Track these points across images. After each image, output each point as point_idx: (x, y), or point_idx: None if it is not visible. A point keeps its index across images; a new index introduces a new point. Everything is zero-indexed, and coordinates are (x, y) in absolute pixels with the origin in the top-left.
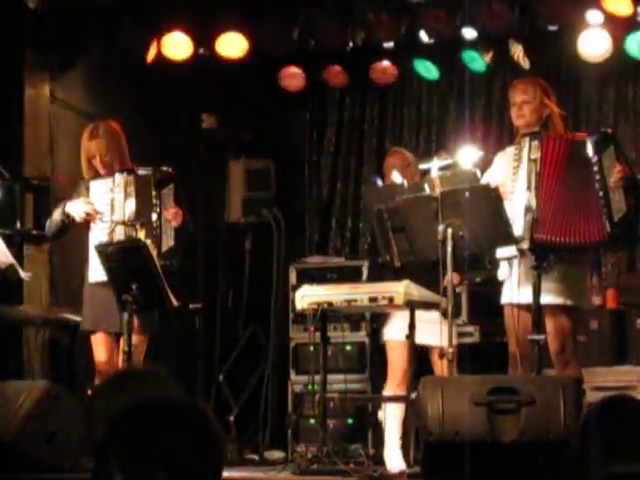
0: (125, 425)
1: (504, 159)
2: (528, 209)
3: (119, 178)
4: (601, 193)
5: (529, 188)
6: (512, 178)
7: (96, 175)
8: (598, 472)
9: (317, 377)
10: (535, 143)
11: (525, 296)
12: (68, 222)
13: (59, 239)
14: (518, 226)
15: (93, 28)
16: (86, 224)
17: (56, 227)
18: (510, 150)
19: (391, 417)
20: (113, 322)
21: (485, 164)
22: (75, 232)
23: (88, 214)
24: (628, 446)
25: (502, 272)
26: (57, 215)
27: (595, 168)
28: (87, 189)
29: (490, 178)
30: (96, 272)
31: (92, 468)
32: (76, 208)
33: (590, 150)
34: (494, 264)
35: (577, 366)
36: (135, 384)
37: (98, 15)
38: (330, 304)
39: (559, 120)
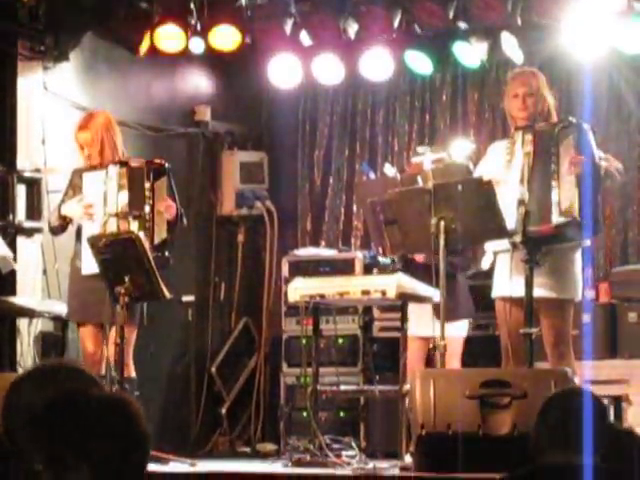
0: (46, 420)
1: (497, 152)
2: (521, 202)
3: (112, 170)
4: (554, 182)
5: (522, 181)
6: (505, 172)
7: (89, 166)
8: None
9: (309, 370)
10: (528, 137)
11: (517, 289)
12: (66, 223)
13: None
14: (510, 219)
15: (86, 20)
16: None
17: (56, 230)
18: (503, 143)
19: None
20: (102, 313)
21: (478, 157)
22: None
23: (88, 213)
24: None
25: (487, 262)
26: (54, 220)
27: (554, 158)
28: (80, 179)
29: (483, 169)
30: (88, 264)
31: (12, 463)
32: (72, 210)
33: (553, 139)
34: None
35: (571, 359)
36: (54, 378)
37: (91, 7)
38: (323, 297)
39: (555, 112)
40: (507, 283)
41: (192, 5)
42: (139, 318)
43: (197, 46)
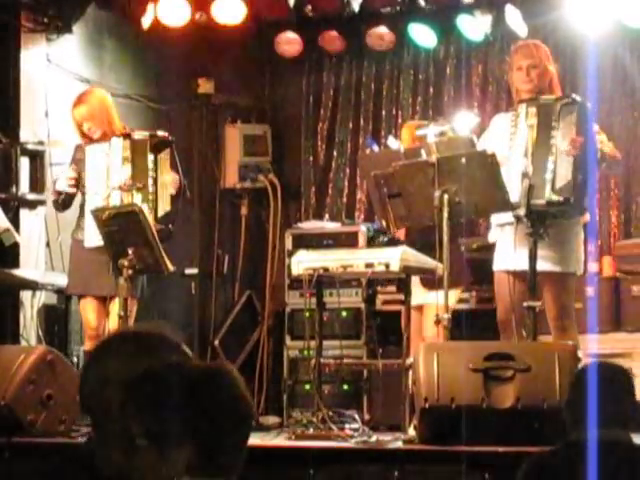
0: (150, 393)
1: (501, 124)
2: (525, 175)
3: (115, 143)
4: (552, 157)
5: (526, 154)
6: (509, 144)
7: (89, 142)
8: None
9: (312, 343)
10: (532, 109)
11: (520, 263)
12: (64, 198)
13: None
14: (514, 192)
15: None
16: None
17: (55, 205)
18: (507, 116)
19: None
20: (104, 285)
21: (481, 130)
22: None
23: (71, 185)
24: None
25: (492, 235)
26: (53, 197)
27: (554, 132)
28: (84, 152)
29: (487, 140)
30: (92, 237)
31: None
32: (62, 184)
33: (554, 114)
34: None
35: (575, 332)
36: (140, 347)
37: None
38: (326, 270)
39: (559, 87)
40: (511, 256)
41: None
42: (139, 289)
43: (200, 18)
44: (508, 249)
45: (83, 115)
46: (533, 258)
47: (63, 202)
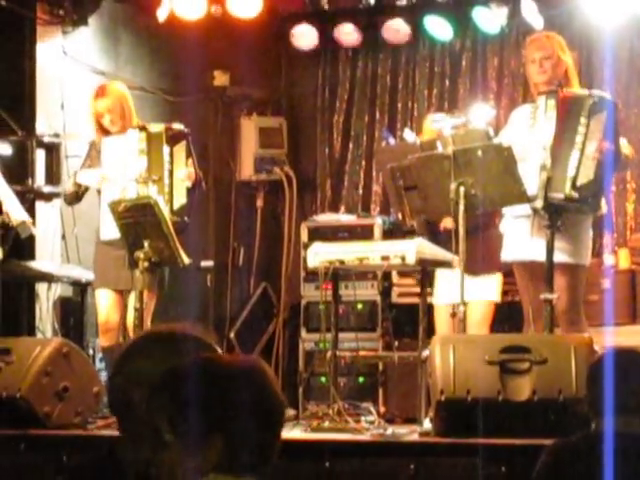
0: (176, 387)
1: (520, 116)
2: (543, 168)
3: (132, 135)
4: (577, 154)
5: (545, 147)
6: (528, 137)
7: (106, 134)
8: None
9: (328, 335)
10: (551, 102)
11: (537, 254)
12: (81, 191)
13: (77, 203)
14: (533, 185)
15: None
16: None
17: (71, 197)
18: (526, 108)
19: None
20: (122, 279)
21: (498, 123)
22: (89, 189)
23: (100, 180)
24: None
25: (503, 226)
26: (70, 186)
27: (581, 129)
28: (98, 151)
29: (507, 136)
30: (108, 230)
31: (132, 429)
32: (87, 178)
33: (584, 110)
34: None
35: (584, 325)
36: (172, 345)
37: None
38: (342, 262)
39: (575, 76)
40: (528, 248)
41: None
42: (160, 285)
43: (217, 11)
44: (524, 240)
45: (106, 107)
46: (550, 250)
47: (76, 195)
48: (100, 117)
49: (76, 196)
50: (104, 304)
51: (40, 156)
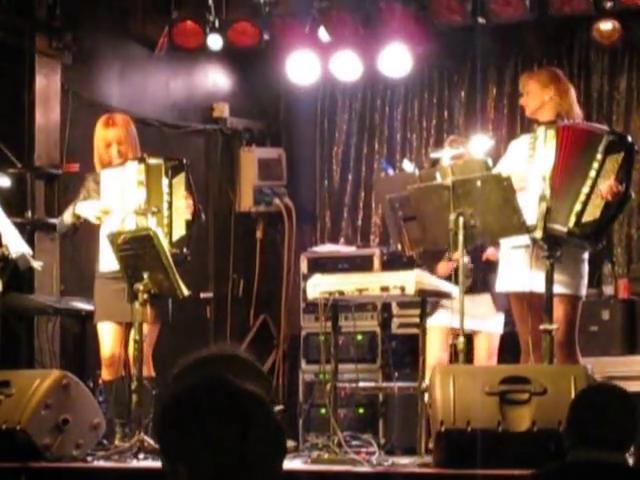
0: (174, 411)
1: (519, 147)
2: (542, 198)
3: (131, 167)
4: (586, 190)
5: (544, 178)
6: (527, 167)
7: (108, 166)
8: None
9: (328, 366)
10: (550, 132)
11: (536, 285)
12: (79, 223)
13: (69, 236)
14: (532, 215)
15: (104, 16)
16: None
17: (67, 228)
18: (525, 138)
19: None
20: (124, 312)
21: (496, 153)
22: (86, 221)
23: (99, 217)
24: (600, 434)
25: (500, 255)
26: (68, 217)
27: (595, 165)
28: (97, 183)
29: (505, 166)
30: (108, 261)
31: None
32: (87, 210)
33: (601, 146)
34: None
35: (579, 356)
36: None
37: (109, 3)
38: (342, 293)
39: (574, 107)
40: (527, 279)
41: (210, 1)
42: (164, 316)
43: (215, 42)
44: (523, 271)
45: (116, 137)
46: (550, 281)
47: (73, 227)
48: (108, 146)
49: (73, 228)
50: (107, 337)
51: (39, 188)
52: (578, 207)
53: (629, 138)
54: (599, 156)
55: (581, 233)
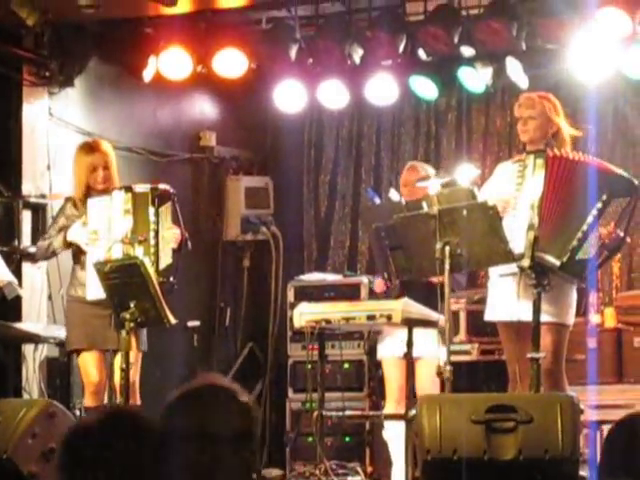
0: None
1: (506, 173)
2: (530, 227)
3: (117, 196)
4: (585, 227)
5: (532, 206)
6: (515, 195)
7: (90, 193)
8: None
9: (315, 395)
10: (539, 161)
11: (523, 314)
12: (74, 249)
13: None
14: (520, 243)
15: (91, 45)
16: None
17: (52, 253)
18: (514, 166)
19: (396, 437)
20: (107, 340)
21: (483, 182)
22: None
23: (88, 243)
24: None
25: (488, 283)
26: (57, 244)
27: (599, 204)
28: (76, 208)
29: (489, 188)
30: (94, 289)
31: None
32: (77, 236)
33: (607, 189)
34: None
35: (565, 384)
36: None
37: (96, 32)
38: (328, 322)
39: (565, 138)
40: (514, 307)
41: (197, 30)
42: (144, 342)
43: (202, 70)
44: (510, 299)
45: (103, 162)
46: (537, 310)
47: (54, 253)
48: (94, 171)
49: (52, 255)
50: (92, 364)
51: (26, 217)
52: (575, 243)
53: (634, 181)
54: (605, 197)
55: (573, 270)
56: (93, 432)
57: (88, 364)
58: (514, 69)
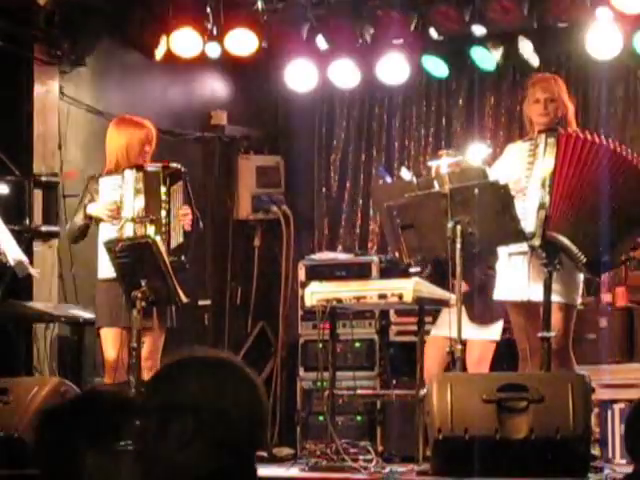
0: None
1: (517, 153)
2: (541, 206)
3: (128, 175)
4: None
5: (543, 185)
6: (526, 174)
7: (114, 170)
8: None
9: (326, 374)
10: (551, 140)
11: (534, 294)
12: (91, 224)
13: (80, 241)
14: (531, 223)
15: (102, 24)
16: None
17: (79, 231)
18: (525, 145)
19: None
20: (127, 317)
21: (494, 161)
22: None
23: (113, 217)
24: None
25: (499, 264)
26: (79, 220)
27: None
28: (98, 184)
29: (500, 168)
30: (105, 268)
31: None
32: (99, 210)
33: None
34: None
35: (573, 363)
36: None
37: (107, 11)
38: (339, 301)
39: (574, 118)
40: (525, 287)
41: (208, 9)
42: (169, 320)
43: (213, 50)
44: (520, 279)
45: (150, 137)
46: (548, 289)
47: (85, 231)
48: (144, 145)
49: (85, 230)
50: (110, 342)
51: (37, 196)
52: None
53: None
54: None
55: (596, 271)
56: (58, 415)
57: (106, 341)
58: (525, 48)
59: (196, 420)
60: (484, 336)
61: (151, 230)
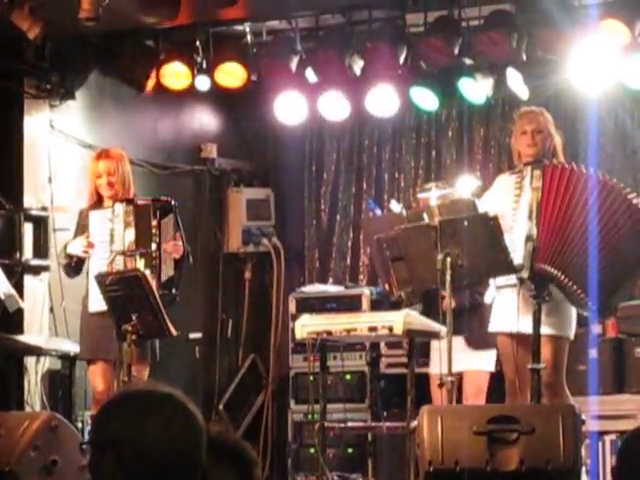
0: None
1: (504, 185)
2: (529, 238)
3: (118, 208)
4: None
5: (530, 217)
6: (513, 206)
7: (98, 202)
8: None
9: (317, 406)
10: (537, 172)
11: (523, 326)
12: (74, 262)
13: (78, 275)
14: (519, 254)
15: (92, 58)
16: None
17: (68, 269)
18: (512, 178)
19: None
20: (112, 350)
21: (484, 193)
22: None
23: (85, 251)
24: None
25: (489, 296)
26: (62, 260)
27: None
28: (88, 218)
29: (489, 199)
30: (96, 302)
31: None
32: (75, 248)
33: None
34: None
35: (567, 396)
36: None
37: (97, 45)
38: (330, 333)
39: (561, 151)
40: (514, 319)
41: (198, 42)
42: (150, 356)
43: (203, 83)
44: (510, 311)
45: (106, 169)
46: (537, 321)
47: (75, 267)
48: (98, 178)
49: (71, 268)
50: (98, 374)
51: (28, 230)
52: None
53: None
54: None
55: (608, 313)
56: None
57: (94, 374)
58: (514, 80)
59: (119, 457)
60: (480, 367)
61: (141, 263)
